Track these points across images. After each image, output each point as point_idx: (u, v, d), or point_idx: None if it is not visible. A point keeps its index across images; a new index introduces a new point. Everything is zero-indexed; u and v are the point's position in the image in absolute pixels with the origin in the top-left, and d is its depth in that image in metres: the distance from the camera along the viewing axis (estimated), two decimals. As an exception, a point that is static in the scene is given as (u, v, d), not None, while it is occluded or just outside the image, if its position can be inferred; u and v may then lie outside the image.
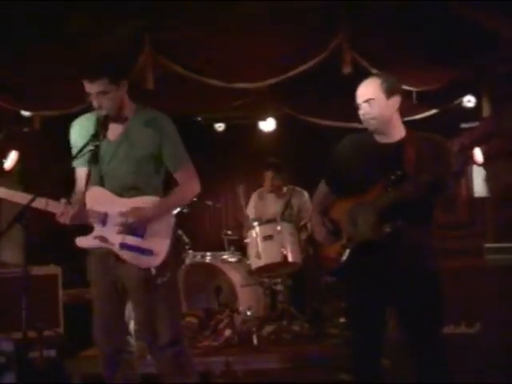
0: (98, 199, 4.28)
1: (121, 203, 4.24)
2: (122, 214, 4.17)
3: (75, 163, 4.42)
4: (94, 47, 6.08)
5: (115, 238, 4.22)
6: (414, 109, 7.48)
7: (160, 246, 4.24)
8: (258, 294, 7.28)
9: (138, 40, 6.26)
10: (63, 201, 4.18)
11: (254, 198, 8.04)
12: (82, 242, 4.31)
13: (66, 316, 6.75)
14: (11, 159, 8.00)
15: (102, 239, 4.24)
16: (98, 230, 4.27)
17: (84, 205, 4.26)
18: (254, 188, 8.17)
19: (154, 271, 4.19)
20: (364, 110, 4.12)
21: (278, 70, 6.52)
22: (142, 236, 4.23)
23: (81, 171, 4.41)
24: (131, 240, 4.22)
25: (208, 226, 9.33)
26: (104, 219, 4.24)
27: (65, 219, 4.15)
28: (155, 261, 4.21)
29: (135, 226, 4.20)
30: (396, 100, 4.12)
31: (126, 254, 4.22)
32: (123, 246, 4.21)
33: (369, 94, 4.10)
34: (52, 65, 6.38)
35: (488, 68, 6.83)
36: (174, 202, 4.42)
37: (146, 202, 4.26)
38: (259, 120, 9.59)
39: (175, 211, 4.43)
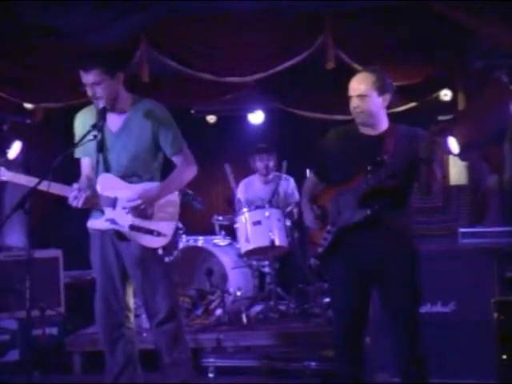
0: (108, 185, 4.34)
1: (128, 188, 4.31)
2: (130, 200, 4.23)
3: (78, 154, 4.48)
4: (94, 41, 6.06)
5: (125, 221, 4.28)
6: (394, 102, 7.48)
7: (167, 226, 4.33)
8: (247, 276, 7.31)
9: (134, 36, 6.25)
10: (76, 186, 4.23)
11: (242, 185, 8.04)
12: (94, 224, 4.40)
13: (66, 296, 6.75)
14: (15, 149, 7.97)
15: (113, 222, 4.29)
16: (109, 213, 4.32)
17: (95, 190, 4.31)
18: (242, 177, 8.18)
19: (161, 251, 4.27)
20: (355, 104, 4.13)
21: (267, 65, 6.53)
22: (150, 217, 4.29)
23: (84, 160, 4.49)
24: (140, 222, 4.28)
25: (199, 212, 9.32)
26: (114, 203, 4.30)
27: (77, 203, 4.19)
28: (163, 241, 4.29)
29: (143, 209, 4.24)
30: (387, 97, 4.15)
31: (135, 236, 4.28)
32: (133, 227, 4.28)
33: (362, 89, 4.10)
34: (54, 58, 6.36)
35: (464, 63, 6.85)
36: (173, 184, 4.44)
37: (148, 187, 4.32)
38: (248, 112, 9.59)
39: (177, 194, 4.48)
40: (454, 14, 5.94)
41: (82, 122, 4.43)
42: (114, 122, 4.38)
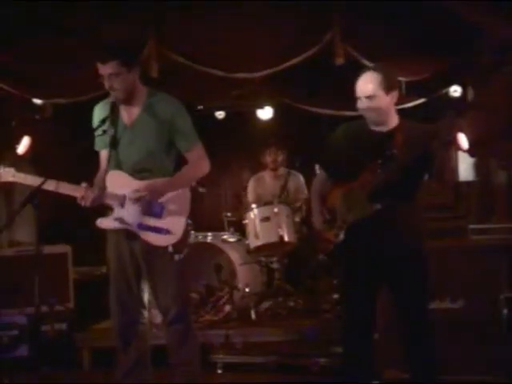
0: (117, 182, 4.29)
1: (138, 185, 4.25)
2: (136, 190, 4.18)
3: (97, 146, 4.45)
4: (104, 38, 6.07)
5: (134, 219, 4.24)
6: (403, 98, 7.48)
7: (177, 225, 4.26)
8: (255, 272, 7.33)
9: (143, 31, 6.26)
10: (84, 185, 4.19)
11: (252, 182, 8.05)
12: (103, 223, 4.34)
13: (75, 292, 6.78)
14: (24, 145, 7.98)
15: (121, 220, 4.26)
16: (118, 211, 4.29)
17: (103, 188, 4.28)
18: (251, 173, 8.19)
19: (171, 249, 4.22)
20: (365, 105, 4.12)
21: (276, 61, 6.52)
22: (159, 216, 4.24)
23: (103, 153, 4.44)
24: (149, 220, 4.24)
25: (208, 208, 9.34)
26: (123, 201, 4.26)
27: (86, 202, 4.17)
28: (172, 239, 4.23)
29: (149, 202, 4.21)
30: (394, 94, 4.15)
31: (144, 234, 4.25)
32: (141, 226, 4.24)
33: (370, 90, 4.09)
34: (63, 54, 6.37)
35: (473, 59, 6.83)
36: (184, 178, 4.38)
37: (159, 180, 4.27)
38: (257, 108, 9.56)
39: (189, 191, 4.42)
40: (462, 9, 5.93)
41: (98, 115, 4.40)
42: (128, 115, 4.34)
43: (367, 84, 4.12)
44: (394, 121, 4.20)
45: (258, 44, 6.46)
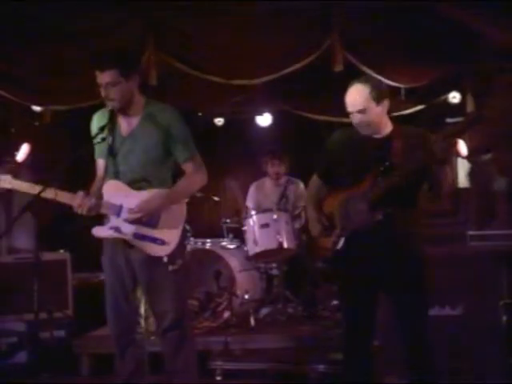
0: (114, 192, 4.27)
1: (134, 195, 4.24)
2: (132, 212, 4.18)
3: (96, 155, 4.43)
4: (104, 45, 6.08)
5: (129, 229, 4.22)
6: (402, 104, 7.50)
7: (171, 235, 4.25)
8: (254, 279, 7.32)
9: (142, 38, 6.26)
10: (81, 193, 4.17)
11: (252, 189, 8.04)
12: (98, 232, 4.32)
13: (74, 298, 6.78)
14: (23, 152, 7.99)
15: (117, 229, 4.24)
16: (113, 220, 4.27)
17: (100, 197, 4.27)
18: (251, 179, 8.19)
19: (165, 259, 4.21)
20: (357, 119, 4.10)
21: (275, 68, 6.53)
22: (154, 226, 4.23)
23: (100, 162, 4.42)
24: (144, 230, 4.22)
25: (207, 215, 9.34)
26: (119, 211, 4.24)
27: (82, 210, 4.16)
28: (167, 249, 4.22)
29: (146, 220, 4.21)
30: (385, 104, 4.11)
31: (139, 244, 4.23)
32: (136, 235, 4.22)
33: (360, 104, 4.06)
34: (63, 61, 6.38)
35: (472, 66, 6.85)
36: (181, 192, 4.35)
37: (154, 194, 4.24)
38: (256, 115, 9.58)
39: (186, 201, 4.41)
40: (460, 15, 5.95)
41: (96, 123, 4.37)
42: (125, 125, 4.32)
43: (356, 98, 4.09)
44: (387, 128, 4.18)
45: (257, 51, 6.48)
